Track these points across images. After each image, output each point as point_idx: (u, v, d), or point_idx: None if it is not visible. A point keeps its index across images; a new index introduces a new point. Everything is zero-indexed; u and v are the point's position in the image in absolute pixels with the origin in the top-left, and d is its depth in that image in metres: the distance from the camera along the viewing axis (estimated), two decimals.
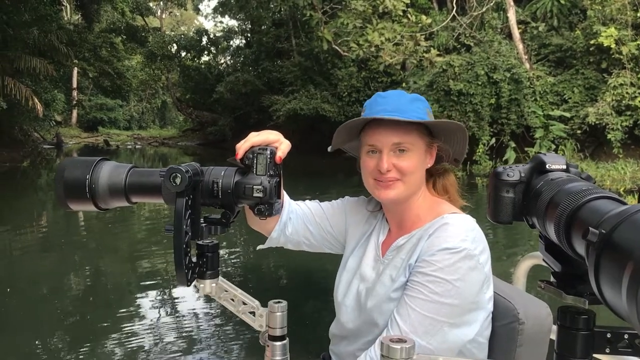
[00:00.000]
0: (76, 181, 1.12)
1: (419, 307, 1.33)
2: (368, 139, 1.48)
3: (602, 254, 0.59)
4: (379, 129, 1.45)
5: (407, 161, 1.45)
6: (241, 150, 1.18)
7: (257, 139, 1.22)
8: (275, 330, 1.11)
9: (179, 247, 1.02)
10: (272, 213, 1.13)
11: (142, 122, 51.96)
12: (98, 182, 1.12)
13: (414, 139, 1.46)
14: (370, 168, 1.49)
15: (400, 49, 16.78)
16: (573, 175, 0.80)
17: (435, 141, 1.51)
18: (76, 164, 1.14)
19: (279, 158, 1.17)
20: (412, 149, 1.45)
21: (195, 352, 4.32)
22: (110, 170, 1.13)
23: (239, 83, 29.98)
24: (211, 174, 1.12)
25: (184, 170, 1.03)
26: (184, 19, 59.57)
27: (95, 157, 1.16)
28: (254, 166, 1.13)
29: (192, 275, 1.07)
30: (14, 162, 21.49)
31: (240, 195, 1.10)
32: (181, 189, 1.03)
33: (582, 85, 17.02)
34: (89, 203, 1.13)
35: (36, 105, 20.61)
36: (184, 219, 1.04)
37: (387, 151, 1.45)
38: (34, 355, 4.26)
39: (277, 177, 1.14)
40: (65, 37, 23.42)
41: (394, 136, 1.44)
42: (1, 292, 5.70)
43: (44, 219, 10.35)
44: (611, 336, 0.72)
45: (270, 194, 1.10)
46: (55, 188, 1.13)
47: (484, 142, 17.18)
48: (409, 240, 1.49)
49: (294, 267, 6.65)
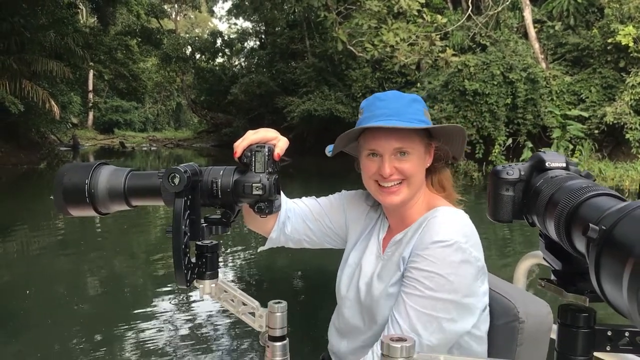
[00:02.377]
0: (75, 186, 1.11)
1: (416, 303, 1.34)
2: (368, 143, 1.49)
3: (603, 250, 0.59)
4: (380, 134, 1.46)
5: (409, 163, 1.46)
6: (239, 149, 1.18)
7: (254, 137, 1.23)
8: (275, 330, 1.11)
9: (178, 247, 1.02)
10: (272, 210, 1.13)
11: (157, 124, 52.33)
12: (97, 186, 1.11)
13: (414, 142, 1.46)
14: (371, 171, 1.49)
15: (415, 49, 16.74)
16: (573, 173, 0.80)
17: (433, 141, 1.52)
18: (75, 169, 1.14)
19: (277, 155, 1.17)
20: (412, 152, 1.46)
21: (204, 352, 4.37)
22: (109, 174, 1.13)
23: (253, 84, 30.10)
24: (210, 174, 1.11)
25: (183, 171, 1.03)
26: (198, 21, 59.93)
27: (94, 161, 1.16)
28: (253, 164, 1.13)
29: (191, 276, 1.07)
30: (31, 164, 21.76)
31: (239, 193, 1.10)
32: (180, 189, 1.03)
33: (600, 85, 16.86)
34: (89, 208, 1.12)
35: (53, 108, 20.83)
36: (183, 219, 1.04)
37: (389, 155, 1.45)
38: (52, 356, 4.32)
39: (276, 174, 1.14)
40: (81, 40, 23.65)
41: (394, 141, 1.45)
42: (21, 293, 5.79)
43: (61, 220, 10.45)
44: (612, 334, 0.71)
45: (270, 191, 1.10)
46: (54, 194, 1.12)
47: (500, 143, 17.08)
48: (405, 235, 1.50)
49: (295, 267, 6.68)
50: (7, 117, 20.38)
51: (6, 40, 19.85)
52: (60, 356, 4.34)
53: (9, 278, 6.60)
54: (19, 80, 19.67)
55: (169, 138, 43.26)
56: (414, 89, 19.89)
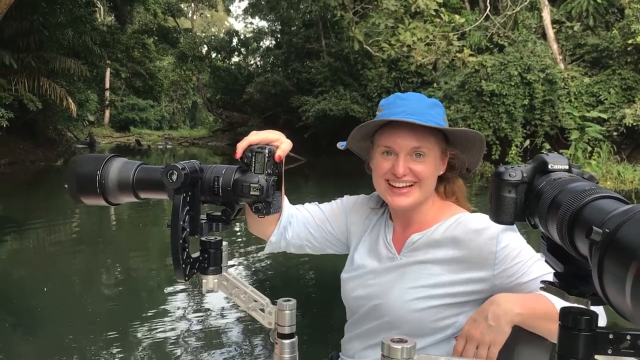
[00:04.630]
0: (87, 177, 1.15)
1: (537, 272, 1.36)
2: (385, 140, 1.47)
3: (606, 253, 0.58)
4: (398, 132, 1.44)
5: (424, 166, 1.45)
6: (239, 149, 1.19)
7: (255, 138, 1.24)
8: (284, 328, 1.13)
9: (176, 242, 1.04)
10: (269, 211, 1.13)
11: (173, 123, 52.67)
12: (108, 177, 1.14)
13: (431, 144, 1.45)
14: (384, 170, 1.47)
15: (432, 48, 16.64)
16: (575, 176, 0.79)
17: (450, 148, 1.51)
18: (87, 160, 1.18)
19: (279, 157, 1.17)
20: (428, 154, 1.45)
21: (216, 347, 4.41)
22: (119, 167, 1.16)
23: (268, 84, 30.15)
24: (213, 172, 1.13)
25: (180, 168, 1.04)
26: (214, 20, 60.21)
27: (107, 153, 1.19)
28: (252, 164, 1.14)
29: (190, 271, 1.09)
30: (48, 161, 22.02)
31: (238, 193, 1.11)
32: (177, 186, 1.05)
33: (619, 86, 16.65)
34: (100, 198, 1.16)
35: (70, 105, 21.03)
36: (182, 215, 1.06)
37: (404, 155, 1.44)
38: (69, 351, 4.37)
39: (275, 176, 1.15)
40: (98, 38, 23.82)
41: (413, 140, 1.43)
42: (38, 290, 5.86)
43: (77, 216, 10.58)
44: (613, 337, 0.70)
45: (267, 192, 1.11)
46: (67, 183, 1.17)
47: (516, 144, 16.95)
48: (425, 237, 1.50)
49: (307, 267, 6.70)
50: (26, 114, 20.64)
51: (25, 39, 20.06)
52: (76, 351, 4.39)
53: (27, 274, 6.69)
54: (37, 78, 19.88)
55: (185, 136, 43.49)
56: (430, 89, 19.81)
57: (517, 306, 1.26)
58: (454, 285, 1.43)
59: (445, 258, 1.45)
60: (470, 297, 1.42)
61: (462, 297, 1.43)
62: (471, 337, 1.27)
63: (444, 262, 1.45)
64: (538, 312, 1.27)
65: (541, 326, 1.28)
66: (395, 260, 1.53)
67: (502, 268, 1.39)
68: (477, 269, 1.41)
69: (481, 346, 1.26)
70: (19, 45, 19.85)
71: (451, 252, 1.45)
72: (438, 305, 1.43)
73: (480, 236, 1.41)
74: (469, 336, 1.28)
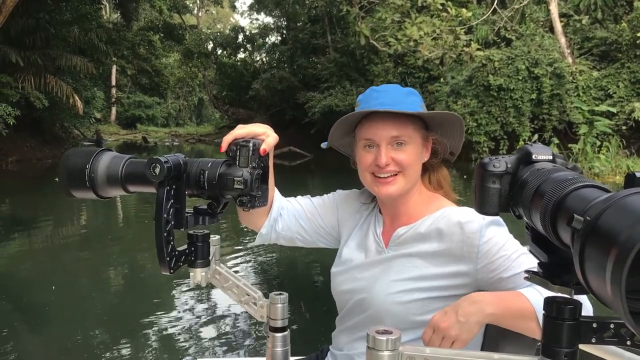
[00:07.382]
0: (77, 170, 1.16)
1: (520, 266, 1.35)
2: (364, 132, 1.48)
3: (587, 241, 0.58)
4: (376, 123, 1.45)
5: (406, 154, 1.45)
6: (224, 143, 1.19)
7: (241, 132, 1.25)
8: (277, 321, 1.13)
9: (160, 235, 1.04)
10: (254, 205, 1.14)
11: (179, 120, 52.84)
12: (97, 171, 1.15)
13: (411, 132, 1.45)
14: (367, 163, 1.48)
15: (439, 43, 16.57)
16: (559, 166, 0.79)
17: (431, 134, 1.51)
18: (78, 154, 1.19)
19: (264, 150, 1.17)
20: (409, 142, 1.45)
21: (215, 339, 4.45)
22: (108, 161, 1.17)
23: (274, 80, 30.13)
24: (199, 165, 1.13)
25: (164, 161, 1.05)
26: (220, 16, 60.24)
27: (97, 148, 1.20)
28: (237, 158, 1.14)
29: (175, 264, 1.09)
30: (55, 158, 22.08)
31: (222, 186, 1.11)
32: (160, 179, 1.05)
33: (628, 80, 16.55)
34: (89, 191, 1.17)
35: (76, 103, 21.11)
36: (166, 207, 1.06)
37: (385, 145, 1.44)
38: (76, 349, 4.41)
39: (260, 170, 1.15)
40: (104, 36, 23.88)
41: (392, 129, 1.44)
42: (46, 287, 5.91)
43: (84, 214, 10.64)
44: (597, 326, 0.70)
45: (251, 186, 1.11)
46: (58, 176, 1.18)
47: (524, 139, 16.88)
48: (411, 230, 1.49)
49: (296, 260, 6.75)
50: (32, 112, 20.74)
51: (32, 36, 20.16)
52: (85, 348, 4.42)
53: (34, 271, 6.74)
54: (44, 76, 19.98)
55: (191, 133, 43.61)
56: (437, 84, 19.74)
57: (490, 307, 1.25)
58: (439, 279, 1.43)
59: (429, 251, 1.45)
60: (456, 291, 1.41)
61: (447, 291, 1.42)
62: (438, 328, 1.26)
63: (428, 255, 1.45)
64: (512, 311, 1.26)
65: (516, 325, 1.27)
66: (382, 254, 1.53)
67: (484, 262, 1.38)
68: (460, 263, 1.41)
69: (445, 339, 1.25)
70: (25, 43, 19.95)
71: (435, 245, 1.44)
72: (423, 299, 1.43)
73: (464, 229, 1.40)
74: (436, 326, 1.26)
